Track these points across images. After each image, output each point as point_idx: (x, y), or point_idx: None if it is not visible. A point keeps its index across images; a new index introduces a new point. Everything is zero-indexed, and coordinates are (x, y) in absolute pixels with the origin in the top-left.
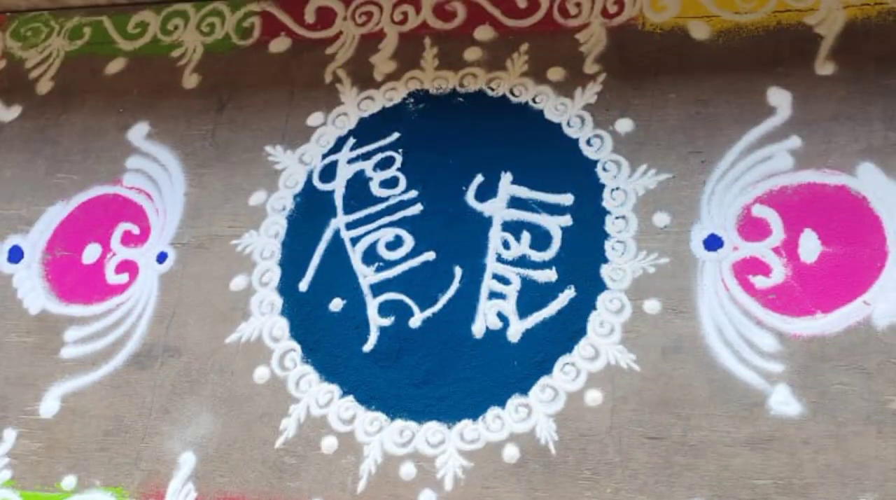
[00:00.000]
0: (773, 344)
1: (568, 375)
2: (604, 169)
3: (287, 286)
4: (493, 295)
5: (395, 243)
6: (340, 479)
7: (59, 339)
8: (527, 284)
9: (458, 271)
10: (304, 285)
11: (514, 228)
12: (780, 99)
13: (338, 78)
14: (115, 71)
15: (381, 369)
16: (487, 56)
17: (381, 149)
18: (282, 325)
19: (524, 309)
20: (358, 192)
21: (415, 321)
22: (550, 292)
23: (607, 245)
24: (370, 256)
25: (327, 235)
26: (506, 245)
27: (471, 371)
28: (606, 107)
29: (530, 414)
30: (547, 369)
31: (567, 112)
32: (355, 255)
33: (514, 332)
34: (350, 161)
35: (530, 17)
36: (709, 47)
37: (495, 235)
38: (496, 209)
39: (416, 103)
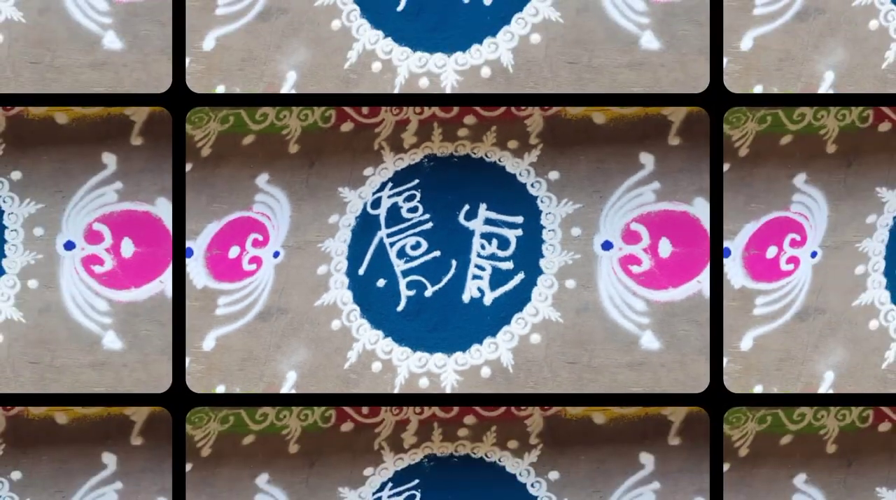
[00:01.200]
0: (643, 306)
1: (519, 325)
2: (541, 201)
3: (351, 271)
4: (475, 277)
5: (416, 246)
6: (383, 386)
7: (213, 303)
8: (495, 271)
9: (453, 263)
10: (361, 271)
11: (487, 236)
12: (647, 159)
13: (381, 147)
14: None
15: (407, 322)
16: (470, 133)
17: (408, 189)
18: (347, 296)
19: (494, 286)
20: (394, 215)
21: (428, 293)
22: (510, 276)
23: (544, 247)
24: (401, 253)
25: (375, 241)
26: (483, 247)
27: (461, 322)
28: (542, 164)
29: (497, 348)
30: (507, 322)
31: (519, 166)
32: (392, 252)
33: (488, 299)
34: (389, 196)
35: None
36: (604, 128)
37: (476, 242)
38: (477, 225)
39: (429, 162)
